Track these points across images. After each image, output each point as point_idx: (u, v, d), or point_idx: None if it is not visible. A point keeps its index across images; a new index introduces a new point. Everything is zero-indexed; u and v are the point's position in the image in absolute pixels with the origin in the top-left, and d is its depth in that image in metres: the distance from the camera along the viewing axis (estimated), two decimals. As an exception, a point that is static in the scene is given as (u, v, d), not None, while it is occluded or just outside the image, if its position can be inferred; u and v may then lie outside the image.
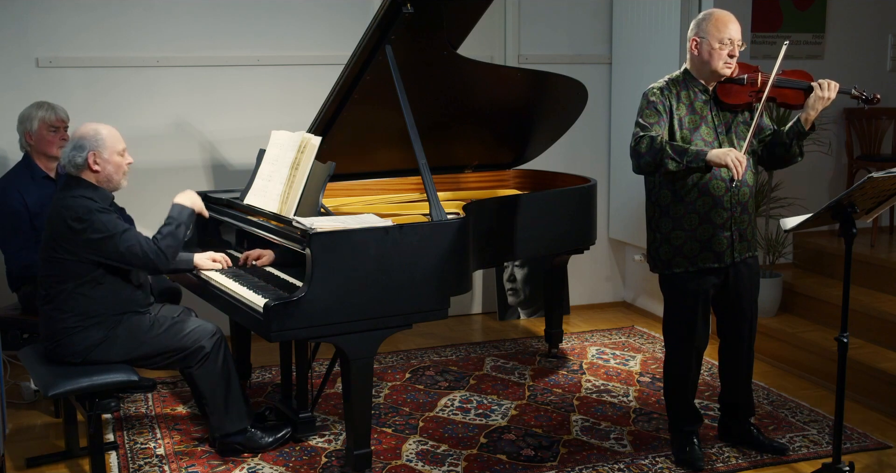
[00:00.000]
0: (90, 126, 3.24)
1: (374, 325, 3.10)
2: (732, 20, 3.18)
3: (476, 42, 4.21)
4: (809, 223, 2.98)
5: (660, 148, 3.07)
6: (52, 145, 3.88)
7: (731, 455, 3.46)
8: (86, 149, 3.17)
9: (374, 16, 3.40)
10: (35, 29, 4.49)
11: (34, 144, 3.90)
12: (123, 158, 3.26)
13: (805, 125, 3.16)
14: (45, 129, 3.87)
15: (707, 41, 3.15)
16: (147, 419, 3.85)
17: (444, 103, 4.04)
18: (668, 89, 3.22)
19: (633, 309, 5.67)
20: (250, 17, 4.81)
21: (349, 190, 4.24)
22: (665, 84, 3.24)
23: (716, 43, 3.14)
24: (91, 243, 3.11)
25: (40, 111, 3.88)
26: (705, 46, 3.16)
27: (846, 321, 2.98)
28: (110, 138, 3.22)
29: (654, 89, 3.22)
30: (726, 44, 3.14)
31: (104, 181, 3.22)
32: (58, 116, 3.90)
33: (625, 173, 5.41)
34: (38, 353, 3.30)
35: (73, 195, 3.16)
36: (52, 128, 3.88)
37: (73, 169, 3.19)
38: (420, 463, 3.41)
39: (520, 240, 3.89)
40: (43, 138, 3.88)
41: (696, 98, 3.22)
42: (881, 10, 5.37)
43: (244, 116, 4.77)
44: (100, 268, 3.17)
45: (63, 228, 3.12)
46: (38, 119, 3.86)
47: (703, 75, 3.22)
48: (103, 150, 3.19)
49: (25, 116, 3.89)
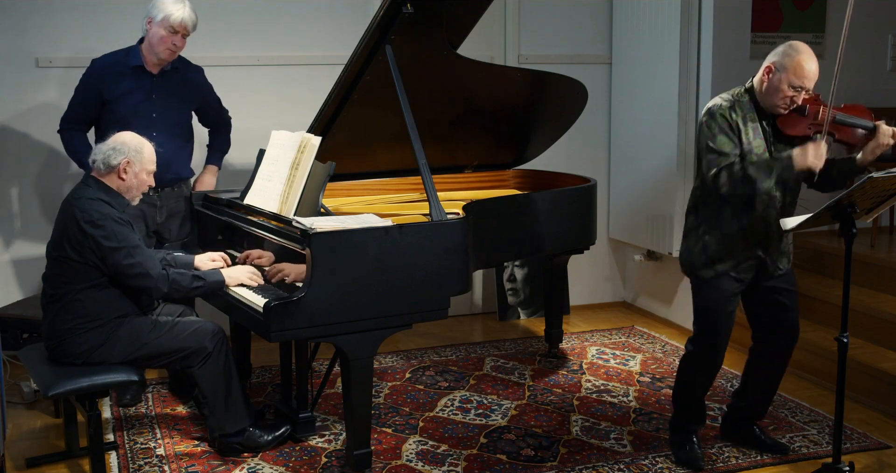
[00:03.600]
0: (137, 138, 3.27)
1: (374, 325, 3.10)
2: (814, 65, 3.04)
3: (476, 42, 4.21)
4: (809, 223, 2.98)
5: (741, 175, 2.99)
6: (161, 44, 3.76)
7: (731, 455, 3.46)
8: (124, 154, 3.19)
9: (374, 16, 3.40)
10: (35, 29, 4.49)
11: (149, 34, 3.78)
12: (149, 178, 3.29)
13: (859, 167, 3.10)
14: (164, 26, 3.73)
15: (780, 77, 3.04)
16: (147, 419, 3.85)
17: (444, 103, 4.05)
18: (735, 111, 3.12)
19: (633, 309, 5.67)
20: (250, 17, 4.81)
21: (349, 190, 4.24)
22: (732, 103, 3.13)
23: (786, 85, 3.03)
24: (99, 250, 3.10)
25: (171, 7, 3.73)
26: (776, 80, 3.06)
27: (846, 321, 2.98)
28: (148, 156, 3.26)
29: (723, 111, 3.09)
30: (797, 90, 3.04)
31: (124, 191, 3.23)
32: (182, 22, 3.75)
33: (625, 173, 5.42)
34: (39, 353, 3.30)
35: (90, 197, 3.15)
36: (172, 30, 3.75)
37: (102, 167, 3.19)
38: (420, 463, 3.41)
39: (520, 240, 3.89)
40: (157, 33, 3.75)
41: (759, 122, 3.14)
42: (881, 10, 5.37)
43: (244, 116, 4.76)
44: (106, 274, 3.16)
45: (74, 229, 3.11)
46: (164, 14, 3.72)
47: (765, 103, 3.13)
48: (137, 163, 3.22)
49: (160, 3, 3.75)
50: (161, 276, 3.17)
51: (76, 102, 3.91)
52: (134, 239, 3.17)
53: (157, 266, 3.18)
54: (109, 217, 3.12)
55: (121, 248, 3.11)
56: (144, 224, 3.95)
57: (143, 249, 3.18)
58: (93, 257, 3.11)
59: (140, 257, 3.14)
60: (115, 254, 3.11)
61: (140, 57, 3.85)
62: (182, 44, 3.82)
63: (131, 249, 3.13)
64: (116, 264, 3.12)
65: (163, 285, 3.17)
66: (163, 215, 3.98)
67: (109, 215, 3.12)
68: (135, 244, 3.15)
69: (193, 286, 3.25)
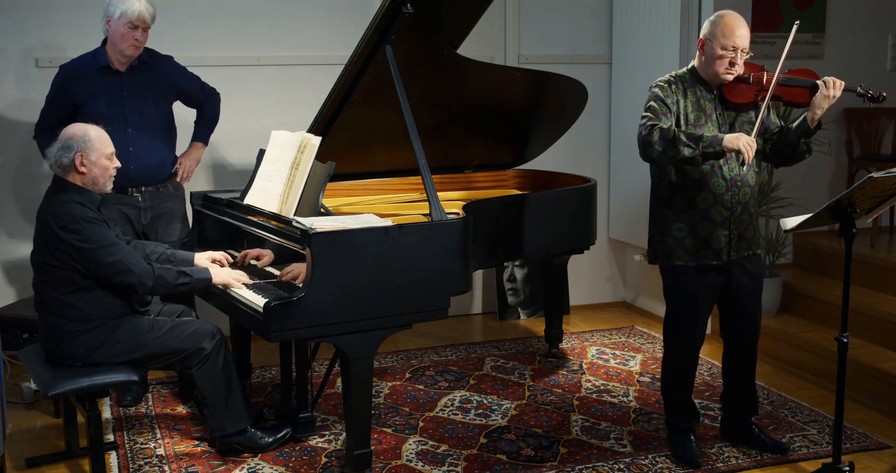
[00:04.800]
0: (79, 127, 3.19)
1: (374, 325, 3.10)
2: (742, 26, 3.12)
3: (476, 42, 4.21)
4: (810, 223, 2.98)
5: (673, 136, 3.05)
6: (123, 41, 3.75)
7: (731, 455, 3.46)
8: (73, 150, 3.12)
9: (374, 16, 3.40)
10: (35, 29, 4.49)
11: (110, 32, 3.79)
12: (111, 161, 3.21)
13: (811, 124, 3.15)
14: (123, 23, 3.73)
15: (712, 44, 3.13)
16: (147, 419, 3.85)
17: (444, 103, 4.05)
18: (676, 85, 3.21)
19: (633, 309, 5.67)
20: (250, 17, 4.80)
21: (349, 190, 4.24)
22: (671, 79, 3.23)
23: (719, 48, 3.11)
24: (77, 252, 3.07)
25: (126, 3, 3.72)
26: (709, 49, 3.15)
27: (846, 321, 2.98)
28: (98, 141, 3.17)
29: (661, 83, 3.22)
30: (730, 50, 3.11)
31: (90, 184, 3.17)
32: (140, 16, 3.74)
33: (625, 173, 5.42)
34: (38, 353, 3.29)
35: (62, 200, 3.12)
36: (132, 26, 3.74)
37: (59, 169, 3.15)
38: (420, 463, 3.41)
39: (520, 240, 3.89)
40: (117, 30, 3.75)
41: (702, 96, 3.22)
42: (881, 10, 5.37)
43: (244, 116, 4.77)
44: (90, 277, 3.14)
45: (51, 235, 3.09)
46: (120, 10, 3.72)
47: (708, 76, 3.21)
48: (91, 152, 3.14)
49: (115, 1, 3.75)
50: (145, 271, 3.13)
51: (47, 109, 3.91)
52: (110, 237, 3.13)
53: (139, 262, 3.14)
54: (82, 219, 3.08)
55: (98, 248, 3.08)
56: (131, 227, 3.93)
57: (121, 245, 3.15)
58: (72, 261, 3.08)
59: (119, 254, 3.11)
60: (93, 254, 3.08)
61: (106, 57, 3.85)
62: (144, 38, 3.81)
63: (109, 247, 3.09)
64: (97, 264, 3.09)
65: (147, 280, 3.14)
66: (147, 216, 3.97)
67: (82, 217, 3.08)
68: (112, 242, 3.11)
69: (179, 282, 3.20)
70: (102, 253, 3.08)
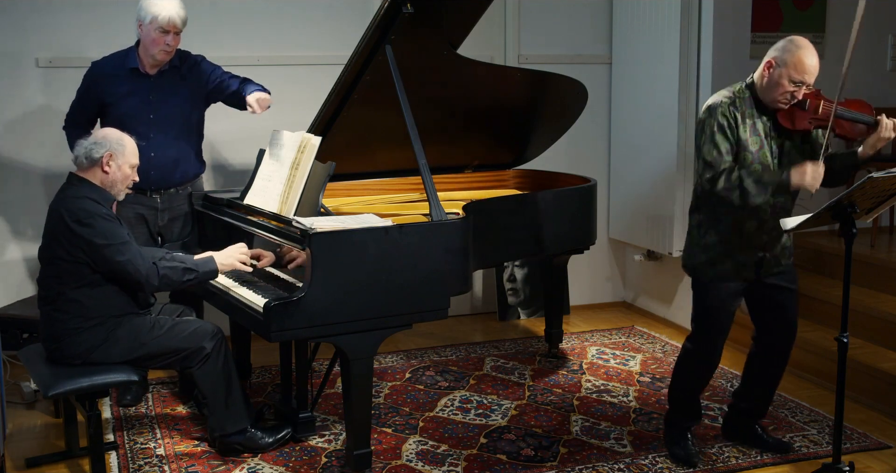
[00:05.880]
0: (118, 132, 3.26)
1: (374, 325, 3.10)
2: (814, 60, 3.03)
3: (476, 42, 4.21)
4: (809, 223, 2.97)
5: (738, 185, 3.00)
6: (154, 45, 3.74)
7: (731, 455, 3.46)
8: (106, 147, 3.18)
9: (374, 16, 3.40)
10: (35, 29, 4.49)
11: (141, 36, 3.77)
12: (132, 173, 3.27)
13: (861, 159, 3.10)
14: (154, 28, 3.70)
15: (781, 72, 3.03)
16: (147, 419, 3.85)
17: (445, 103, 4.05)
18: (736, 108, 3.11)
19: (633, 309, 5.67)
20: (250, 17, 4.81)
21: (349, 190, 4.24)
22: (733, 99, 3.13)
23: (786, 80, 3.02)
24: (88, 247, 3.09)
25: (157, 8, 3.69)
26: (776, 75, 3.05)
27: (846, 321, 2.98)
28: (130, 149, 3.25)
29: (724, 108, 3.09)
30: (797, 85, 3.04)
31: (108, 185, 3.22)
32: (171, 21, 3.70)
33: (625, 173, 5.42)
34: (38, 353, 3.29)
35: (76, 196, 3.15)
36: (163, 30, 3.71)
37: (85, 161, 3.18)
38: (420, 463, 3.41)
39: (520, 240, 3.89)
40: (148, 35, 3.73)
41: (758, 118, 3.14)
42: (881, 10, 5.37)
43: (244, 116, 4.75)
44: (98, 272, 3.16)
45: (63, 229, 3.11)
46: (151, 15, 3.69)
47: (765, 98, 3.12)
48: (120, 155, 3.20)
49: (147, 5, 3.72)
50: (151, 270, 3.15)
51: (77, 104, 3.92)
52: (123, 235, 3.15)
53: (146, 262, 3.16)
54: (97, 215, 3.11)
55: (110, 245, 3.10)
56: (147, 228, 3.94)
57: (132, 244, 3.17)
58: (83, 255, 3.11)
59: (129, 253, 3.13)
60: (104, 251, 3.10)
61: (137, 59, 3.84)
62: (176, 42, 3.79)
63: (120, 245, 3.12)
64: (107, 260, 3.11)
65: (153, 280, 3.16)
66: (164, 218, 3.98)
67: (97, 213, 3.11)
68: (124, 240, 3.14)
69: (185, 279, 3.22)
70: (113, 251, 3.10)
